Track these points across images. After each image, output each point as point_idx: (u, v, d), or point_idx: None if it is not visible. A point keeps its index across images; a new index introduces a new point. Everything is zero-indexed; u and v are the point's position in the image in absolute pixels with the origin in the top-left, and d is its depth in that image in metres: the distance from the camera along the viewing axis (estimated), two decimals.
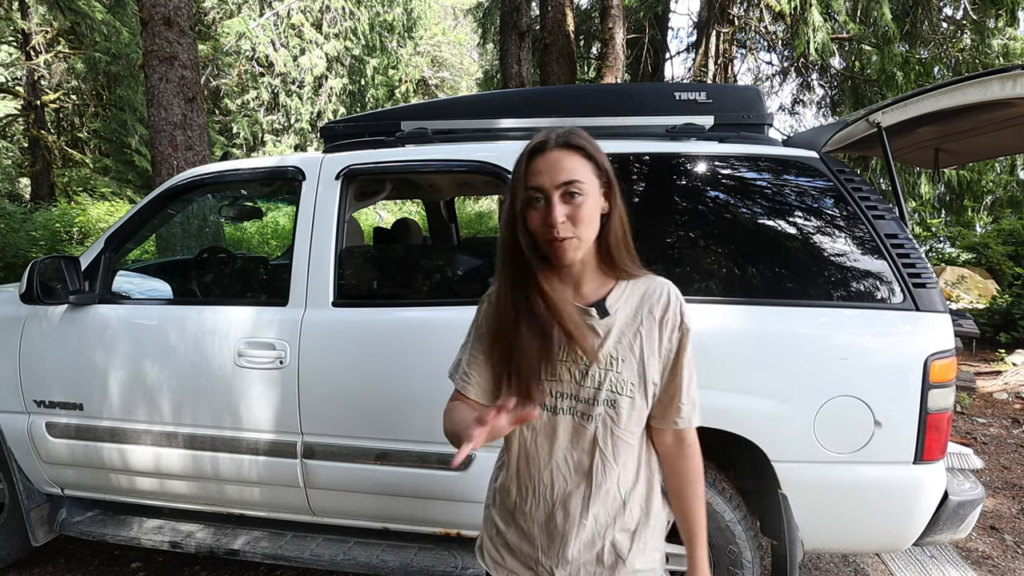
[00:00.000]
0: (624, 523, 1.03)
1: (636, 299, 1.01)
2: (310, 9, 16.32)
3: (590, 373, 0.99)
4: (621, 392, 0.98)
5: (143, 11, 4.68)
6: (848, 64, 9.08)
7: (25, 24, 12.34)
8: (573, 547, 1.02)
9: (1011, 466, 3.73)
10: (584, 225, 0.94)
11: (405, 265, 2.64)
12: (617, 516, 1.03)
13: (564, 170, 0.93)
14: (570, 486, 1.02)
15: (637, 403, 0.99)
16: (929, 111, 1.83)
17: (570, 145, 0.95)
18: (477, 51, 19.28)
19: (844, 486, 1.80)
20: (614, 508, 1.03)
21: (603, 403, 0.98)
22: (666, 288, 1.01)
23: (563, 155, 0.94)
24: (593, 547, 1.02)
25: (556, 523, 1.03)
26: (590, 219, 0.95)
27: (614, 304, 1.00)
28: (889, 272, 1.79)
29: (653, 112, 2.15)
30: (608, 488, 1.01)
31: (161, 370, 2.16)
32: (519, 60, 6.78)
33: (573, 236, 0.93)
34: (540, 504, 1.04)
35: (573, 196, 0.93)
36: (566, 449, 1.01)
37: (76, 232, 8.34)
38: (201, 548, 2.17)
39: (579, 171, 0.94)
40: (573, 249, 0.94)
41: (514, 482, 1.07)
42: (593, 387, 0.98)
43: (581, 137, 0.97)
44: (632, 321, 1.00)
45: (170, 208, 2.53)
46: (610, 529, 1.03)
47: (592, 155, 0.96)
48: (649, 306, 1.00)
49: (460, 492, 1.97)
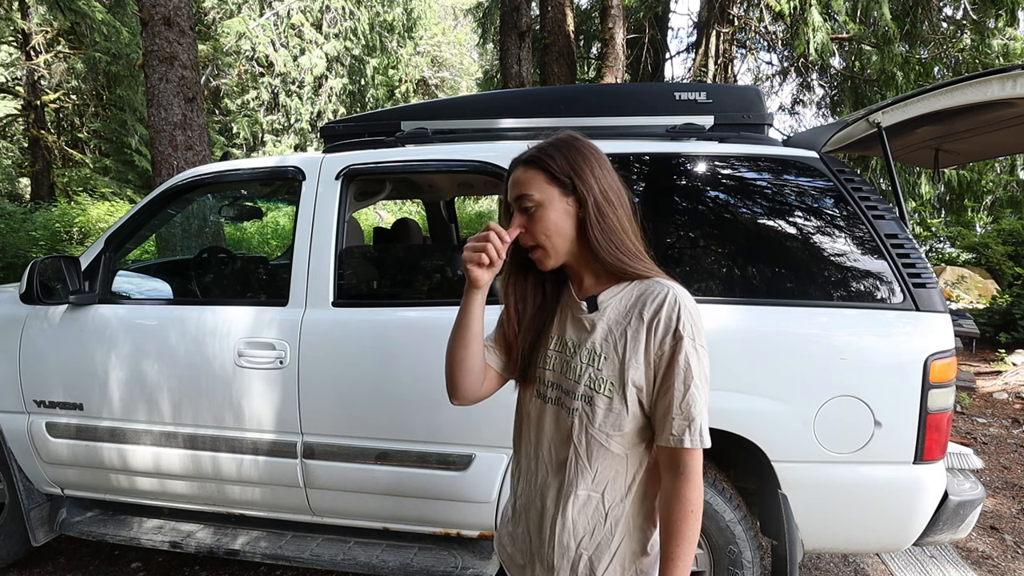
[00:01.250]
0: (604, 542, 0.99)
1: (631, 298, 0.99)
2: (310, 9, 16.32)
3: (572, 365, 1.01)
4: (598, 390, 0.97)
5: (143, 11, 4.68)
6: (848, 64, 9.08)
7: (25, 24, 12.34)
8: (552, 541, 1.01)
9: (1011, 466, 3.73)
10: (544, 234, 0.99)
11: (405, 265, 2.64)
12: (596, 529, 0.99)
13: (517, 185, 1.00)
14: (549, 477, 1.03)
15: (615, 405, 0.96)
16: (929, 111, 1.83)
17: (526, 161, 1.01)
18: (477, 51, 19.30)
19: (844, 486, 1.80)
20: (593, 520, 0.99)
21: (580, 397, 0.99)
22: (665, 291, 0.96)
23: (520, 171, 1.01)
24: (568, 554, 1.00)
25: (541, 517, 1.04)
26: (550, 228, 0.98)
27: (606, 300, 1.00)
28: (889, 272, 1.79)
29: (653, 112, 2.15)
30: (587, 494, 0.98)
31: (161, 370, 2.16)
32: (519, 60, 6.78)
33: (537, 245, 1.00)
34: (533, 490, 1.07)
35: (527, 209, 0.99)
36: (550, 439, 1.04)
37: (76, 232, 8.35)
38: (201, 548, 2.17)
39: (530, 184, 0.99)
40: (543, 257, 1.01)
41: (520, 468, 1.11)
42: (573, 379, 1.00)
43: (545, 149, 1.00)
44: (621, 320, 0.98)
45: (170, 208, 2.53)
46: (587, 540, 0.99)
47: (547, 166, 0.98)
48: (641, 307, 0.97)
49: (460, 492, 1.97)
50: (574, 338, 1.02)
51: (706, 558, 1.90)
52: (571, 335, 1.03)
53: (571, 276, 1.06)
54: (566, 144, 1.00)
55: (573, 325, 1.03)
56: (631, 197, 1.03)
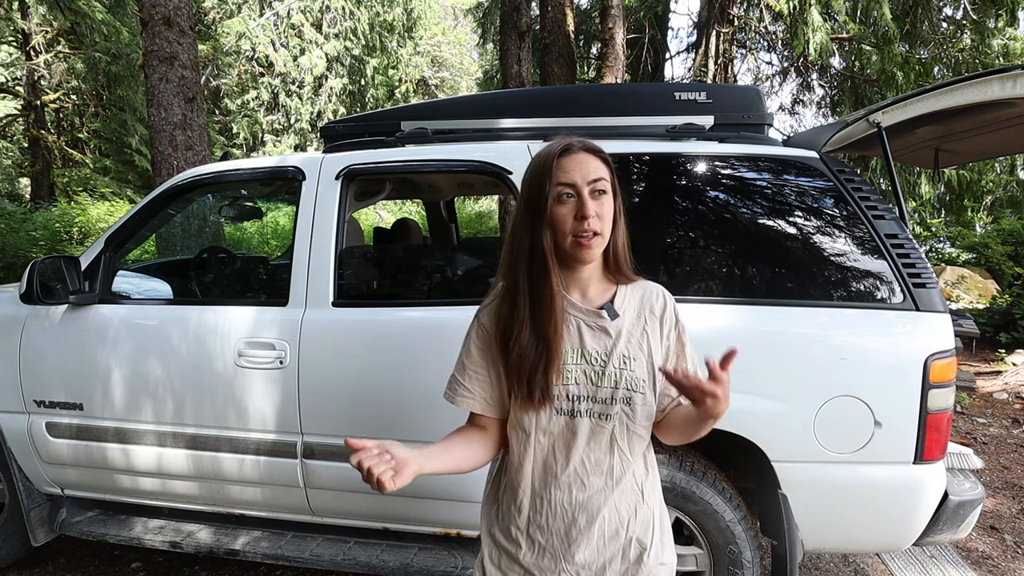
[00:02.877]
0: (643, 516, 1.08)
1: (637, 301, 1.08)
2: (310, 9, 16.32)
3: (607, 373, 1.02)
4: (636, 389, 1.03)
5: (143, 11, 4.68)
6: (848, 64, 9.08)
7: (25, 24, 12.33)
8: (596, 544, 1.04)
9: (1011, 466, 3.73)
10: (608, 222, 1.01)
11: (405, 265, 2.64)
12: (637, 508, 1.07)
13: (593, 169, 0.99)
14: (588, 488, 1.04)
15: (648, 399, 1.04)
16: (929, 111, 1.83)
17: (593, 149, 1.02)
18: (477, 51, 19.28)
19: (844, 486, 1.80)
20: (633, 500, 1.07)
21: (620, 401, 1.02)
22: (660, 290, 1.11)
23: (589, 157, 1.01)
24: (617, 540, 1.05)
25: (579, 526, 1.04)
26: (612, 217, 1.02)
27: (621, 306, 1.06)
28: (889, 272, 1.79)
29: (653, 112, 2.15)
30: (626, 482, 1.06)
31: (161, 370, 2.16)
32: (519, 60, 6.77)
33: (600, 232, 0.99)
34: (558, 512, 1.04)
35: (601, 193, 1.00)
36: (584, 451, 1.03)
37: (76, 232, 8.35)
38: (201, 548, 2.17)
39: (603, 171, 1.01)
40: (598, 246, 1.00)
41: (527, 496, 1.06)
42: (610, 387, 1.02)
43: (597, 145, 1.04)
44: (637, 321, 1.06)
45: (170, 208, 2.53)
46: (632, 522, 1.06)
47: (609, 162, 1.03)
48: (649, 307, 1.08)
49: (460, 492, 1.97)
50: (598, 347, 1.03)
51: (706, 558, 1.90)
52: (593, 346, 1.03)
53: (574, 283, 1.06)
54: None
55: (593, 335, 1.03)
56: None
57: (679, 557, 1.90)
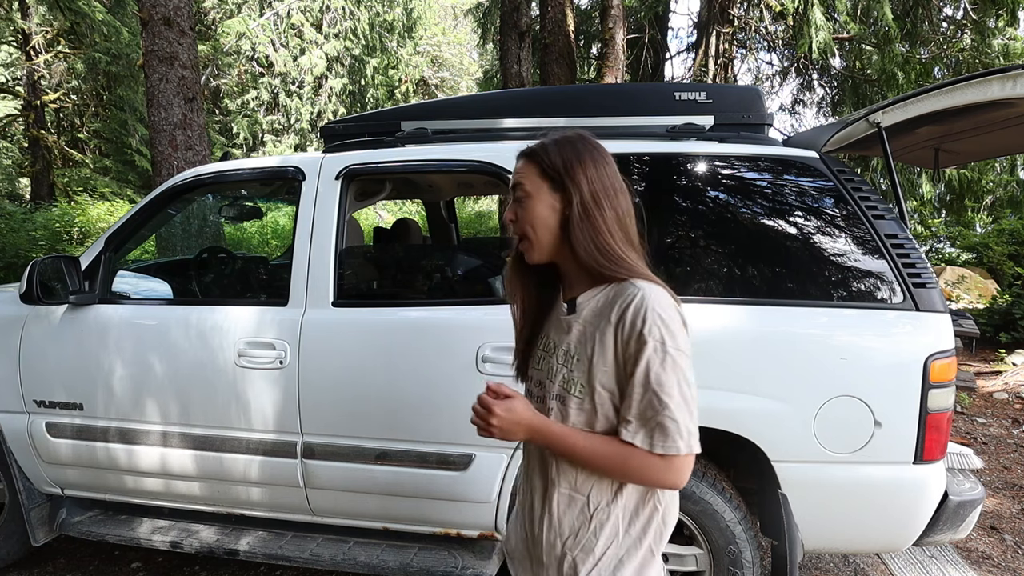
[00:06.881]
0: (588, 544, 0.97)
1: (606, 301, 0.97)
2: (310, 9, 16.31)
3: (550, 364, 1.04)
4: (570, 391, 0.98)
5: (143, 11, 4.68)
6: (848, 64, 9.09)
7: (25, 24, 12.33)
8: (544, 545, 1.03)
9: (1011, 466, 3.72)
10: (529, 225, 1.01)
11: (405, 265, 2.64)
12: (581, 531, 0.98)
13: (516, 175, 1.04)
14: (536, 475, 1.06)
15: (586, 407, 0.96)
16: (929, 111, 1.83)
17: (525, 154, 1.04)
18: (477, 51, 19.28)
19: (844, 486, 1.80)
20: (579, 521, 0.98)
21: (555, 397, 1.02)
22: (637, 294, 0.92)
23: (519, 163, 1.05)
24: (554, 552, 1.01)
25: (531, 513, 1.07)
26: (536, 220, 1.00)
27: (584, 303, 1.00)
28: (889, 272, 1.79)
29: (653, 112, 2.15)
30: (570, 494, 0.99)
31: (161, 370, 2.16)
32: (519, 60, 6.78)
33: (525, 235, 1.02)
34: (527, 491, 1.10)
35: (519, 200, 1.02)
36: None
37: (76, 232, 8.35)
38: (201, 548, 2.17)
39: (524, 175, 1.02)
40: (528, 248, 1.03)
41: (522, 479, 1.14)
42: (550, 379, 1.03)
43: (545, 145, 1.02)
44: (594, 321, 0.97)
45: (170, 208, 2.53)
46: (571, 541, 0.99)
47: (540, 161, 1.01)
48: (611, 309, 0.94)
49: (460, 492, 1.97)
50: (555, 339, 1.05)
51: (706, 558, 1.89)
52: (554, 336, 1.06)
53: (563, 277, 1.07)
54: (567, 142, 1.01)
55: (556, 326, 1.06)
56: (632, 202, 1.02)
57: (678, 557, 1.91)
